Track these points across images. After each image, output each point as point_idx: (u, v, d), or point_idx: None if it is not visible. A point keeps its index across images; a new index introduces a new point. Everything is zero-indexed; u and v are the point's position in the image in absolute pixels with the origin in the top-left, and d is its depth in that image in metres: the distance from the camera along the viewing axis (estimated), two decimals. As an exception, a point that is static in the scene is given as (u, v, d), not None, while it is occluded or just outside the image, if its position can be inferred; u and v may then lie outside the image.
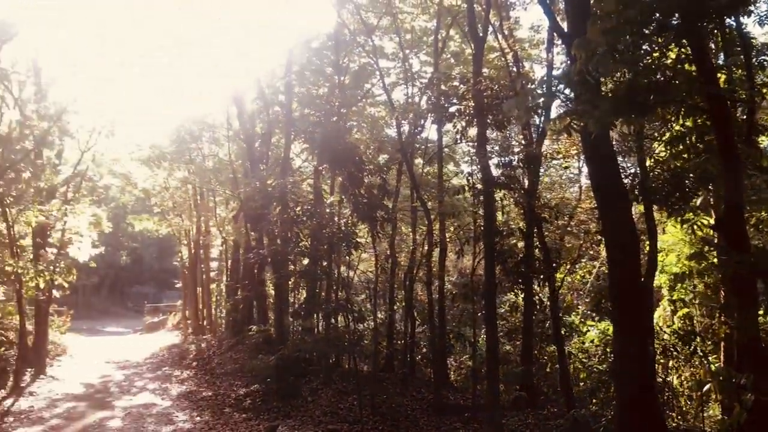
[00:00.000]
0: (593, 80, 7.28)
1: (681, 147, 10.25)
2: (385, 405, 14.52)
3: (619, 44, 6.97)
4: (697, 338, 13.48)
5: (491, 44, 17.71)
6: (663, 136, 11.79)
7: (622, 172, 10.71)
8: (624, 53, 7.16)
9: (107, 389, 19.13)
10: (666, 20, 7.29)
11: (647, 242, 12.77)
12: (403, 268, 19.39)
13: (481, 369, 15.31)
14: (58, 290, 21.92)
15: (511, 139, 17.92)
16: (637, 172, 12.66)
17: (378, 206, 15.97)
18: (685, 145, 10.09)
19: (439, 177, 18.33)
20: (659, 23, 7.29)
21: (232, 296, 27.30)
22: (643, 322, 8.90)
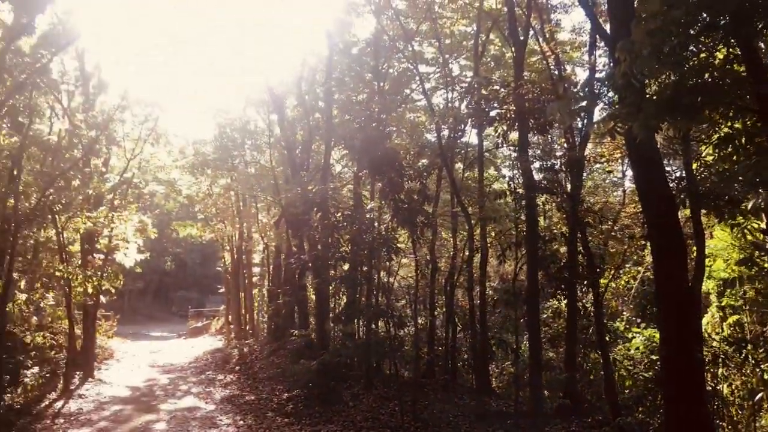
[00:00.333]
0: (638, 83, 7.15)
1: (730, 149, 9.96)
2: (426, 411, 14.46)
3: (664, 46, 6.83)
4: (749, 346, 13.10)
5: (532, 47, 17.57)
6: (710, 139, 11.52)
7: (668, 176, 10.48)
8: (669, 55, 7.02)
9: (153, 393, 19.48)
10: (714, 20, 7.11)
11: (694, 247, 12.49)
12: (443, 273, 19.33)
13: (524, 375, 15.16)
14: (106, 295, 22.42)
15: (553, 143, 17.74)
16: (684, 175, 12.39)
17: (418, 211, 15.93)
18: (734, 147, 9.80)
19: (479, 182, 18.22)
20: (706, 23, 7.12)
21: (273, 301, 27.55)
22: (691, 329, 8.67)
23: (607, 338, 14.82)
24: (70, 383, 19.00)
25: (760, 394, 12.49)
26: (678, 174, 13.25)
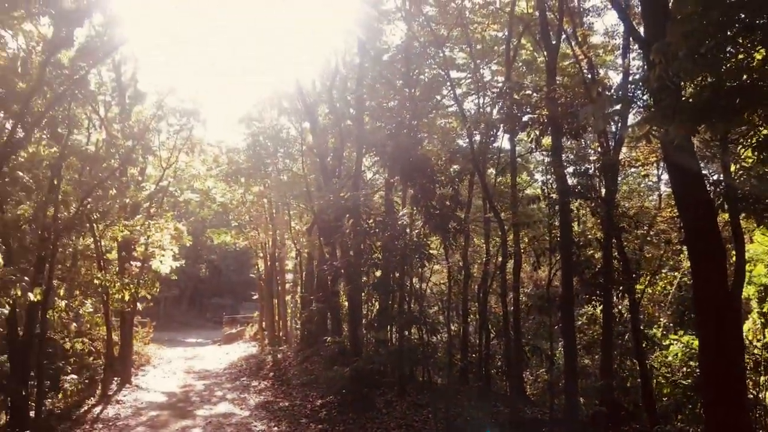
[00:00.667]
0: (673, 85, 7.05)
1: (769, 152, 9.77)
2: (460, 418, 14.38)
3: (700, 47, 6.71)
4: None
5: (564, 51, 17.44)
6: (750, 141, 11.27)
7: (705, 179, 10.29)
8: (706, 56, 6.90)
9: (188, 398, 19.71)
10: (752, 21, 6.97)
11: (733, 251, 12.22)
12: (476, 279, 19.23)
13: (559, 382, 14.99)
14: (142, 302, 22.77)
15: (587, 147, 17.56)
16: (722, 178, 12.15)
17: (450, 217, 15.91)
18: (773, 149, 9.60)
19: (512, 187, 18.11)
20: (744, 24, 6.98)
21: (306, 308, 27.66)
22: (731, 336, 8.48)
23: (643, 345, 14.59)
24: (108, 389, 19.34)
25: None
26: (716, 177, 12.98)
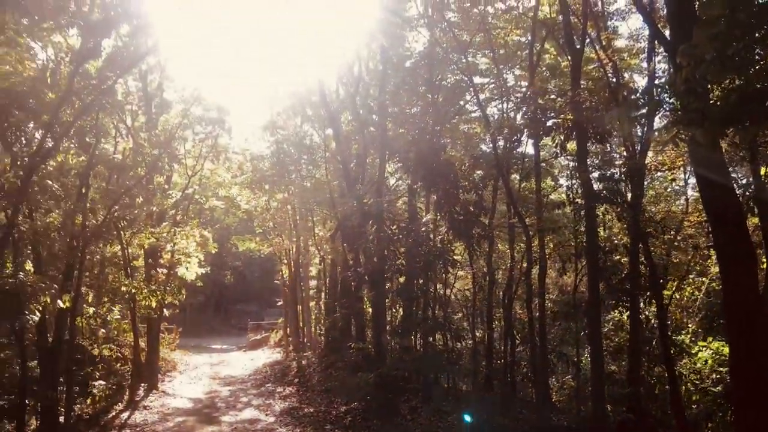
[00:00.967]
0: (700, 88, 6.96)
1: (800, 155, 9.61)
2: (485, 425, 14.28)
3: (728, 49, 6.62)
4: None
5: (588, 55, 17.30)
6: (780, 144, 11.11)
7: (734, 183, 10.15)
8: (734, 59, 6.80)
9: (214, 404, 19.84)
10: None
11: (763, 256, 12.03)
12: (501, 285, 19.12)
13: (585, 389, 14.85)
14: (169, 308, 22.99)
15: (613, 151, 17.41)
16: (751, 181, 11.98)
17: (474, 223, 15.87)
18: (804, 152, 9.45)
19: (537, 192, 18.00)
20: (774, 25, 6.88)
21: (330, 314, 27.73)
22: (762, 341, 8.33)
23: (672, 351, 14.39)
24: (135, 395, 19.53)
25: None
26: (745, 180, 12.80)
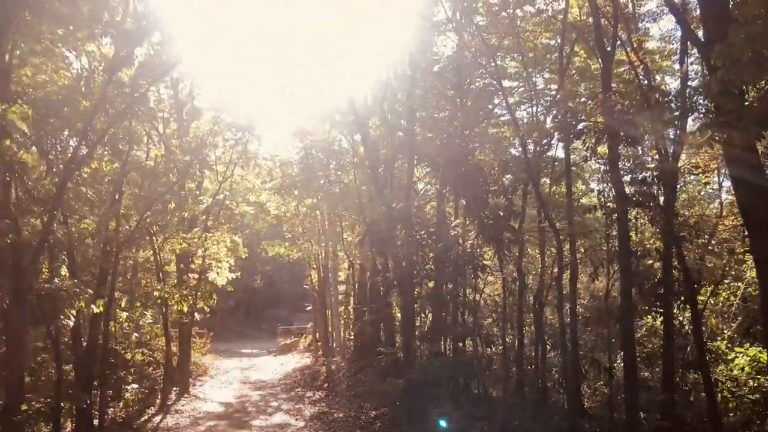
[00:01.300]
0: (736, 89, 6.84)
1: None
2: (517, 432, 14.17)
3: (765, 50, 6.50)
4: None
5: (619, 58, 17.11)
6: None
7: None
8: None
9: (245, 409, 19.97)
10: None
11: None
12: (531, 290, 18.95)
13: (618, 396, 14.63)
14: (200, 313, 23.22)
15: (644, 154, 17.16)
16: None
17: (504, 228, 15.77)
18: None
19: (567, 196, 17.82)
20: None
21: (359, 319, 27.75)
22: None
23: (707, 358, 14.11)
24: (167, 399, 19.75)
25: None
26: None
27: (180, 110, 21.71)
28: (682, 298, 14.43)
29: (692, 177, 18.87)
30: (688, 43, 14.38)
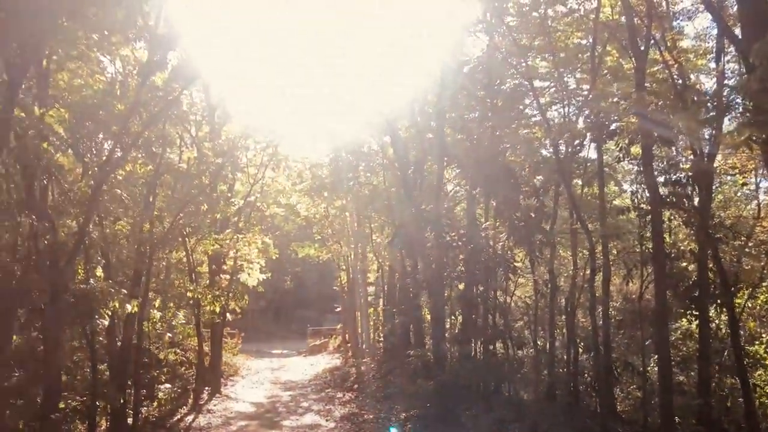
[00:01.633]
0: (776, 88, 6.70)
1: None
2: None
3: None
4: None
5: (652, 57, 16.86)
6: None
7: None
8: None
9: (275, 409, 20.10)
10: None
11: None
12: (563, 292, 18.76)
13: (652, 400, 14.42)
14: (231, 314, 23.43)
15: (679, 155, 16.90)
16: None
17: (535, 229, 15.66)
18: None
19: (600, 197, 17.61)
20: None
21: (389, 320, 27.76)
22: None
23: (745, 362, 13.84)
24: (199, 398, 19.96)
25: None
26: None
27: (212, 113, 21.95)
28: (719, 301, 14.18)
29: (728, 177, 18.50)
30: (725, 41, 14.13)
